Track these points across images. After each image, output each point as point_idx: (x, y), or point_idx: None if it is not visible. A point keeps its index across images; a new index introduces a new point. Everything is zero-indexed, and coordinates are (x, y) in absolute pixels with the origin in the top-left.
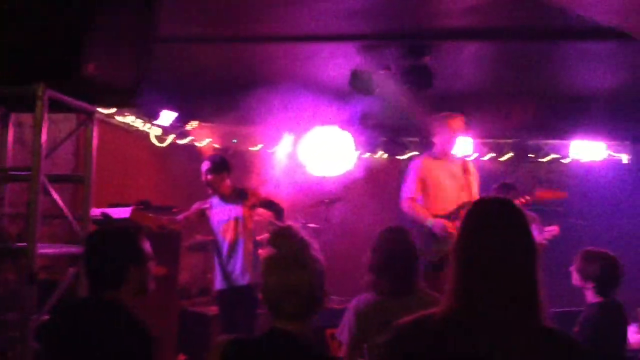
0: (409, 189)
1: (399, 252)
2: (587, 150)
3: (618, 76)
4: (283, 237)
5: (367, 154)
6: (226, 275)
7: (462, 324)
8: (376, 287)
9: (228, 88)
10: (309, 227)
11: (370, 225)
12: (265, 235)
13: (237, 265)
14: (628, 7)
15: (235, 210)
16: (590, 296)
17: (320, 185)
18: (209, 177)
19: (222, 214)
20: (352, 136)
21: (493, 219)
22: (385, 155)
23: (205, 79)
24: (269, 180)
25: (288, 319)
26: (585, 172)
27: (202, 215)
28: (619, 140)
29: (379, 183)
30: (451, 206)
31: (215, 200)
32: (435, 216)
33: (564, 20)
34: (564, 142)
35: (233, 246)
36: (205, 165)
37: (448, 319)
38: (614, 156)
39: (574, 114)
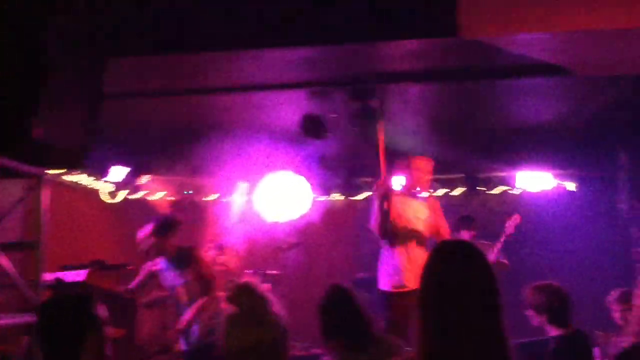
0: (373, 217)
1: (346, 312)
2: (536, 180)
3: (559, 108)
4: (242, 295)
5: (323, 197)
6: (186, 336)
7: None
8: (334, 349)
9: (179, 140)
10: (268, 274)
11: (328, 267)
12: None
13: (195, 325)
14: (562, 45)
15: (181, 276)
16: (551, 330)
17: (277, 231)
18: (153, 240)
19: (170, 279)
20: (307, 180)
21: (455, 260)
22: (341, 197)
23: (155, 132)
24: (226, 230)
25: None
26: (535, 202)
27: (154, 276)
28: (565, 169)
29: (335, 225)
30: None
31: (163, 262)
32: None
33: (505, 59)
34: (512, 174)
35: (189, 307)
36: (147, 229)
37: None
38: (562, 185)
39: (520, 146)
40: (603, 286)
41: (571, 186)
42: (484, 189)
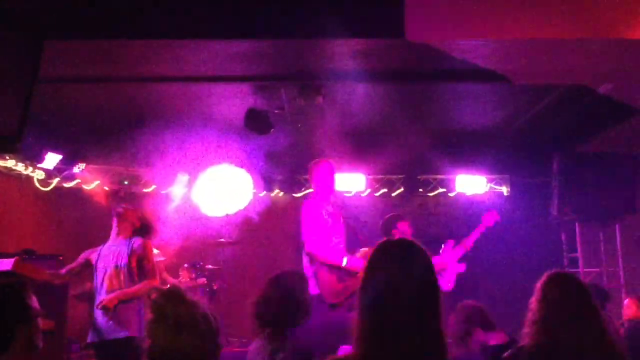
0: (312, 232)
1: (275, 297)
2: (471, 184)
3: (496, 114)
4: (169, 300)
5: (264, 192)
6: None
7: None
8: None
9: (118, 128)
10: (207, 268)
11: (268, 263)
12: None
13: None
14: (502, 53)
15: (124, 257)
16: (490, 337)
17: (217, 225)
18: (123, 211)
19: (109, 258)
20: (249, 174)
21: (394, 259)
22: (282, 194)
23: (94, 120)
24: (163, 222)
25: None
26: (470, 205)
27: (89, 265)
28: (498, 174)
29: (276, 221)
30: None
31: (106, 245)
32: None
33: (447, 63)
34: (450, 177)
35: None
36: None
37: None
38: (495, 189)
39: (458, 150)
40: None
41: (504, 190)
42: (421, 190)
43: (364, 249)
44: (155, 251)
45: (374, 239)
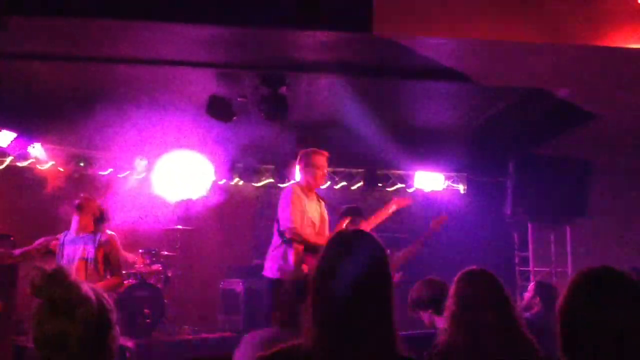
0: (292, 218)
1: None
2: (429, 181)
3: (457, 113)
4: (47, 285)
5: (223, 180)
6: None
7: (319, 358)
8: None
9: (77, 109)
10: (162, 254)
11: (224, 251)
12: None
13: None
14: (466, 53)
15: (90, 250)
16: (439, 322)
17: (175, 211)
18: (85, 203)
19: (75, 251)
20: (209, 161)
21: (350, 250)
22: (242, 182)
23: (51, 99)
24: (118, 206)
25: None
26: (427, 201)
27: (48, 252)
28: (456, 172)
29: (234, 210)
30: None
31: (68, 236)
32: None
33: (412, 60)
34: (409, 173)
35: None
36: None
37: (305, 353)
38: (453, 187)
39: (418, 147)
40: None
41: (461, 188)
42: (381, 185)
43: None
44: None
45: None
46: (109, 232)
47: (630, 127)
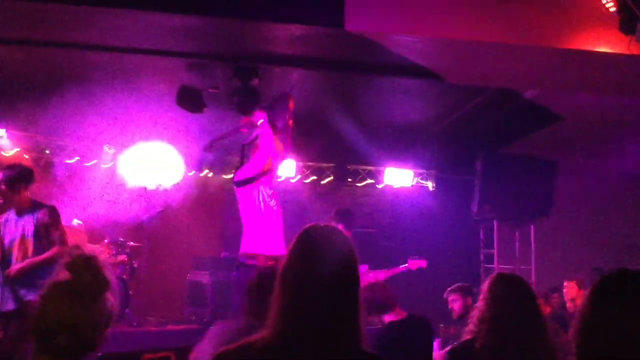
0: None
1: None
2: (398, 177)
3: (427, 111)
4: (81, 267)
5: (193, 172)
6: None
7: (283, 351)
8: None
9: (44, 96)
10: (129, 245)
11: (191, 243)
12: None
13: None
14: (436, 51)
15: (28, 229)
16: (387, 318)
17: (143, 202)
18: (2, 188)
19: (13, 231)
20: (178, 152)
21: (319, 245)
22: (211, 174)
23: (18, 85)
24: (84, 195)
25: (54, 355)
26: (396, 197)
27: None
28: (425, 169)
29: (203, 201)
30: None
31: (10, 214)
32: None
33: (383, 56)
34: (379, 169)
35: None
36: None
37: (269, 346)
38: (422, 183)
39: (388, 143)
40: (450, 282)
41: (430, 185)
42: (351, 180)
43: None
44: (76, 221)
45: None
46: (47, 205)
47: (596, 129)
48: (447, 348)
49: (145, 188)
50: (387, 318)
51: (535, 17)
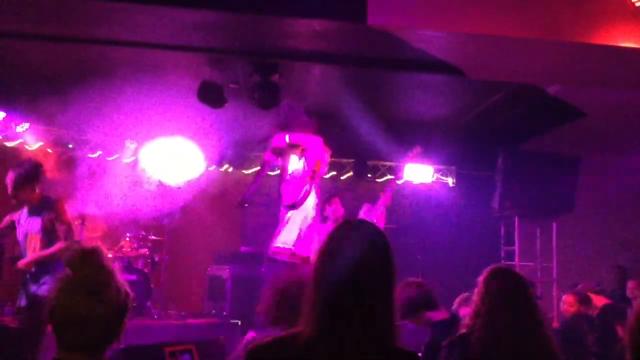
0: None
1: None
2: (418, 173)
3: (446, 106)
4: (83, 261)
5: (213, 167)
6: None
7: (321, 347)
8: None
9: (67, 90)
10: (150, 238)
11: (211, 237)
12: None
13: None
14: (459, 46)
15: (38, 224)
16: (435, 314)
17: (164, 196)
18: (10, 190)
19: (26, 227)
20: (199, 147)
21: (355, 242)
22: (231, 169)
23: (42, 80)
24: (107, 189)
25: (71, 350)
26: (416, 193)
27: (14, 228)
28: (445, 165)
29: (223, 196)
30: None
31: (24, 211)
32: None
33: (405, 52)
34: (399, 164)
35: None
36: (9, 177)
37: (307, 341)
38: (442, 179)
39: (408, 139)
40: (468, 278)
41: (450, 181)
42: (370, 175)
43: None
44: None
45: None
46: (54, 199)
47: (619, 125)
48: (445, 342)
49: (166, 184)
50: (435, 316)
51: (559, 12)
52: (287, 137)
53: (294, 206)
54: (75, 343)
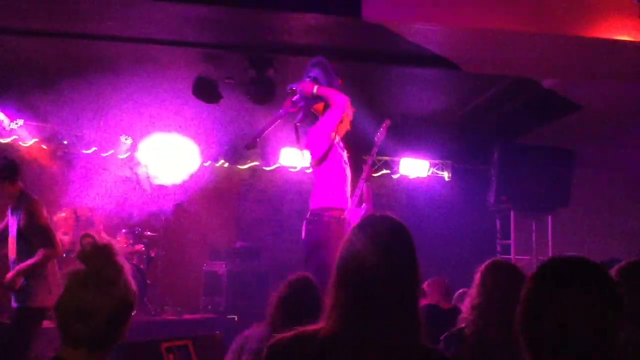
0: None
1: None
2: (414, 167)
3: (443, 101)
4: (95, 255)
5: (208, 162)
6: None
7: (343, 343)
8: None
9: (61, 86)
10: (145, 234)
11: (207, 233)
12: None
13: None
14: (454, 40)
15: (14, 225)
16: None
17: (159, 193)
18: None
19: (10, 229)
20: (194, 143)
21: (379, 237)
22: (227, 164)
23: (36, 76)
24: (102, 185)
25: (75, 346)
26: (411, 188)
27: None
28: (441, 159)
29: (218, 192)
30: None
31: (9, 211)
32: None
33: (400, 46)
34: (394, 159)
35: (14, 264)
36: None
37: (329, 337)
38: (437, 174)
39: (403, 133)
40: (466, 274)
41: (445, 176)
42: None
43: None
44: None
45: None
46: (28, 199)
47: (614, 118)
48: (442, 336)
49: (161, 179)
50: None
51: (554, 5)
52: (315, 88)
53: (318, 162)
54: (79, 338)
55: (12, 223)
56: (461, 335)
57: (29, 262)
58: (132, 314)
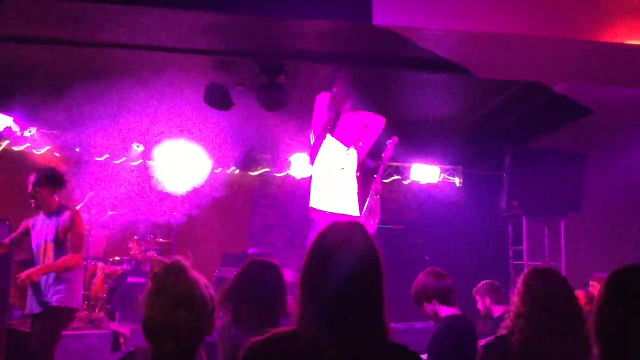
0: None
1: (267, 282)
2: (425, 173)
3: (454, 106)
4: (169, 275)
5: (219, 169)
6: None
7: (313, 343)
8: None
9: (73, 94)
10: (158, 241)
11: (219, 239)
12: None
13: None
14: (465, 45)
15: (53, 233)
16: (443, 311)
17: (171, 199)
18: (30, 189)
19: (41, 235)
20: (205, 150)
21: (339, 242)
22: (237, 171)
23: (48, 83)
24: (114, 193)
25: (167, 357)
26: (422, 193)
27: (28, 234)
28: (452, 165)
29: (230, 198)
30: None
31: (40, 217)
32: None
33: (411, 51)
34: (405, 164)
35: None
36: (31, 175)
37: (305, 340)
38: (449, 179)
39: (414, 139)
40: (476, 278)
41: (457, 181)
42: (376, 176)
43: None
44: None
45: None
46: (71, 209)
47: (627, 122)
48: (482, 342)
49: (173, 186)
50: (444, 311)
51: (565, 9)
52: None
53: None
54: (169, 352)
55: (49, 230)
56: (504, 342)
57: (59, 262)
58: (215, 312)
